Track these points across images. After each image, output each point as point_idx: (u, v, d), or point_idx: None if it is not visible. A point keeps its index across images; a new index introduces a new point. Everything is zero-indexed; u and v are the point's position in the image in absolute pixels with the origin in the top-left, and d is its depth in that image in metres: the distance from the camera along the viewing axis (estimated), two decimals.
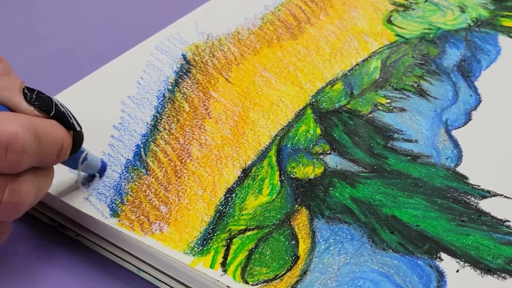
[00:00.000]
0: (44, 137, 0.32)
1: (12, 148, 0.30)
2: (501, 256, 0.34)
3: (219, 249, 0.34)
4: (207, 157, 0.40)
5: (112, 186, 0.38)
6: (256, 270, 0.33)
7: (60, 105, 0.34)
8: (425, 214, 0.36)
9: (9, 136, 0.30)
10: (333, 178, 0.38)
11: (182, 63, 0.48)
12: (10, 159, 0.30)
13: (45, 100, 0.34)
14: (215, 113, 0.43)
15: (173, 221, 0.36)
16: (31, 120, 0.32)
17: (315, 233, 0.35)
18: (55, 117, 0.34)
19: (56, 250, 0.38)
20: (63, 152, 0.34)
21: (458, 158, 0.39)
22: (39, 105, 0.34)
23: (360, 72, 0.46)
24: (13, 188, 0.31)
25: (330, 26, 0.51)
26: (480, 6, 0.53)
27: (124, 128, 0.42)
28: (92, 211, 0.37)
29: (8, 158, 0.30)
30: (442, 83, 0.45)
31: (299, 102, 0.44)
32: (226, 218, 0.36)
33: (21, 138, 0.30)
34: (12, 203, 0.31)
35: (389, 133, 0.41)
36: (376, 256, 0.34)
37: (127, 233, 0.35)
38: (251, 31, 0.51)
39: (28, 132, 0.31)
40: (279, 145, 0.41)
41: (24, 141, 0.30)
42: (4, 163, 0.30)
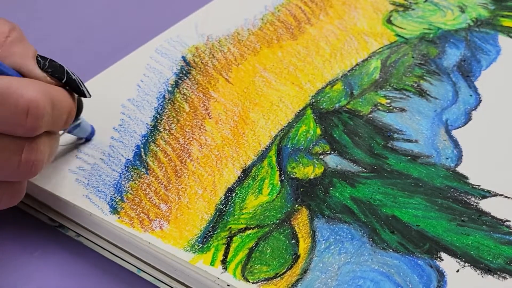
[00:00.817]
0: (57, 103, 0.34)
1: (32, 113, 0.32)
2: (501, 256, 0.34)
3: (219, 247, 0.34)
4: (207, 157, 0.40)
5: (112, 185, 0.38)
6: (257, 268, 0.33)
7: (71, 73, 0.36)
8: (425, 214, 0.36)
9: (29, 102, 0.32)
10: (333, 178, 0.38)
11: (182, 64, 0.48)
12: (30, 123, 0.32)
13: (57, 67, 0.35)
14: (215, 113, 0.43)
15: (173, 219, 0.36)
16: (47, 87, 0.33)
17: (315, 232, 0.35)
18: (67, 83, 0.36)
19: (56, 250, 0.39)
20: (70, 117, 0.36)
21: (458, 158, 0.39)
22: (52, 72, 0.35)
23: (360, 72, 0.46)
24: (31, 149, 0.33)
25: (330, 26, 0.51)
26: (480, 6, 0.53)
27: (124, 130, 0.42)
28: (92, 208, 0.37)
29: (28, 123, 0.32)
30: (442, 83, 0.45)
31: (299, 103, 0.44)
32: (226, 217, 0.36)
33: (40, 104, 0.32)
34: (30, 162, 0.33)
35: (389, 133, 0.41)
36: (376, 256, 0.34)
37: (127, 229, 0.35)
38: (251, 31, 0.51)
39: (46, 98, 0.32)
40: (279, 145, 0.41)
41: (43, 107, 0.32)
42: (23, 127, 0.32)
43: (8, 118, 0.32)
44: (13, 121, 0.32)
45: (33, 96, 0.32)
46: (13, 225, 0.40)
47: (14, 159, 0.33)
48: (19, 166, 0.33)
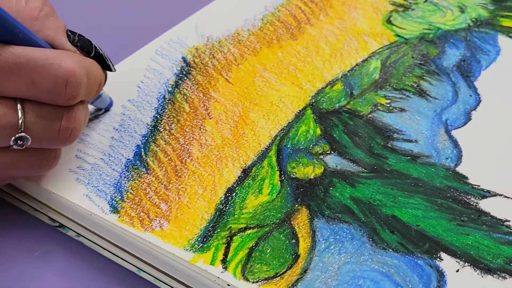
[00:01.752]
0: (91, 74, 0.36)
1: (71, 83, 0.34)
2: (501, 256, 0.34)
3: (219, 247, 0.34)
4: (207, 157, 0.40)
5: (112, 184, 0.38)
6: (257, 267, 0.33)
7: (98, 48, 0.38)
8: (425, 214, 0.36)
9: (68, 72, 0.33)
10: (333, 178, 0.38)
11: (182, 65, 0.48)
12: (69, 93, 0.34)
13: (86, 42, 0.37)
14: (215, 113, 0.43)
15: (173, 219, 0.36)
16: (81, 59, 0.35)
17: (315, 232, 0.35)
18: (94, 57, 0.38)
19: (56, 250, 0.38)
20: (100, 88, 0.38)
21: (458, 158, 0.39)
22: (81, 46, 0.37)
23: (360, 73, 0.46)
24: (69, 117, 0.35)
25: (330, 27, 0.51)
26: (479, 6, 0.53)
27: (124, 130, 0.42)
28: (92, 208, 0.37)
29: (67, 92, 0.34)
30: (441, 83, 0.45)
31: (299, 103, 0.44)
32: (226, 217, 0.36)
33: (78, 75, 0.34)
34: (69, 130, 0.35)
35: (389, 133, 0.41)
36: (376, 256, 0.34)
37: (127, 229, 0.35)
38: (251, 32, 0.51)
39: (82, 69, 0.34)
40: (279, 146, 0.41)
41: (80, 77, 0.34)
42: (63, 97, 0.34)
43: (48, 88, 0.33)
44: (53, 90, 0.33)
45: (71, 67, 0.34)
46: (13, 225, 0.40)
47: (54, 127, 0.34)
48: (59, 133, 0.35)
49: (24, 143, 0.34)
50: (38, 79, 0.33)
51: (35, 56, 0.33)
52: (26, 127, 0.34)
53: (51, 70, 0.33)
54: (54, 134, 0.35)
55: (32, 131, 0.34)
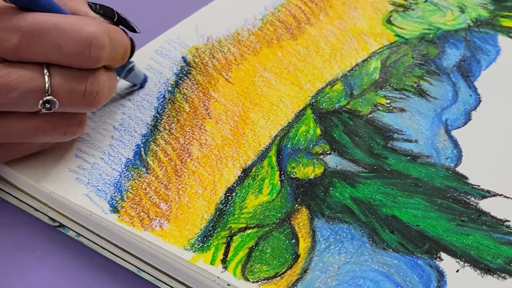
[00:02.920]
0: (114, 38, 0.37)
1: (94, 45, 0.35)
2: (501, 256, 0.34)
3: (219, 246, 0.34)
4: (207, 157, 0.40)
5: (112, 184, 0.38)
6: (257, 267, 0.33)
7: (120, 13, 0.40)
8: (425, 214, 0.36)
9: (91, 35, 0.35)
10: (333, 178, 0.38)
11: (182, 65, 0.48)
12: (92, 55, 0.35)
13: (107, 9, 0.39)
14: (215, 113, 0.43)
15: (173, 218, 0.36)
16: (104, 23, 0.37)
17: (315, 232, 0.35)
18: (118, 22, 0.39)
19: (56, 250, 0.38)
20: (126, 54, 0.39)
21: (458, 158, 0.39)
22: (104, 13, 0.39)
23: (360, 73, 0.46)
24: (93, 80, 0.36)
25: (330, 27, 0.51)
26: (479, 6, 0.53)
27: (124, 129, 0.42)
28: (92, 207, 0.37)
29: (91, 55, 0.35)
30: (441, 83, 0.45)
31: (299, 103, 0.44)
32: (226, 216, 0.36)
33: (101, 37, 0.35)
34: (94, 93, 0.36)
35: (389, 133, 0.41)
36: (376, 256, 0.34)
37: (127, 228, 0.35)
38: (251, 32, 0.51)
39: (105, 32, 0.36)
40: (279, 146, 0.41)
41: (103, 40, 0.36)
42: (87, 59, 0.35)
43: (73, 51, 0.35)
44: (77, 53, 0.35)
45: (94, 30, 0.35)
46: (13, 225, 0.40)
47: (79, 89, 0.36)
48: (84, 96, 0.36)
49: (52, 107, 0.35)
50: (63, 43, 0.35)
51: (59, 21, 0.35)
52: (53, 91, 0.35)
53: (75, 33, 0.35)
54: (80, 97, 0.36)
55: (58, 95, 0.35)
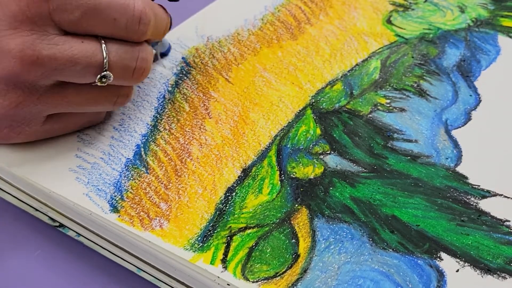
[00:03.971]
0: (158, 15, 0.41)
1: (143, 21, 0.39)
2: (501, 256, 0.34)
3: (219, 246, 0.34)
4: (207, 157, 0.40)
5: (112, 183, 0.38)
6: (257, 267, 0.33)
7: None
8: (425, 214, 0.36)
9: (140, 11, 0.38)
10: (333, 178, 0.38)
11: (182, 65, 0.48)
12: (141, 29, 0.39)
13: None
14: (215, 113, 0.43)
15: (173, 218, 0.36)
16: (149, 1, 0.40)
17: (315, 232, 0.35)
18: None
19: (56, 250, 0.39)
20: (166, 29, 0.43)
21: (458, 158, 0.39)
22: None
23: (360, 73, 0.46)
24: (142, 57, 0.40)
25: (330, 27, 0.51)
26: (479, 6, 0.53)
27: (124, 129, 0.42)
28: (92, 207, 0.37)
29: (140, 29, 0.39)
30: (441, 83, 0.45)
31: (299, 103, 0.44)
32: (226, 216, 0.36)
33: (148, 13, 0.39)
34: (142, 69, 0.40)
35: (389, 133, 0.41)
36: (376, 256, 0.34)
37: (127, 228, 0.35)
38: (251, 32, 0.51)
39: (150, 9, 0.39)
40: (279, 145, 0.41)
41: (150, 15, 0.39)
42: (136, 33, 0.39)
43: (126, 24, 0.38)
44: (129, 26, 0.38)
45: (142, 6, 0.38)
46: (13, 225, 0.40)
47: (131, 66, 0.39)
48: (134, 72, 0.39)
49: (107, 81, 0.38)
50: (118, 17, 0.37)
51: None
52: (109, 66, 0.38)
53: (128, 9, 0.38)
54: (130, 73, 0.39)
55: (113, 70, 0.38)
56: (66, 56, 0.36)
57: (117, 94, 0.40)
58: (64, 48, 0.36)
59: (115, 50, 0.38)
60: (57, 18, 0.36)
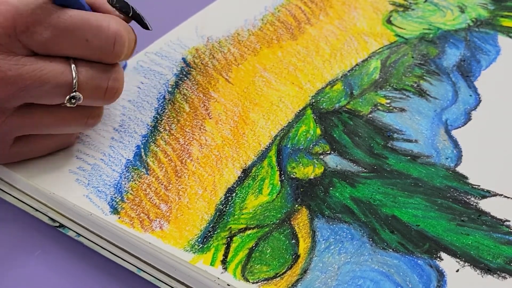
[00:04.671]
0: (130, 36, 0.39)
1: (118, 42, 0.38)
2: (501, 256, 0.34)
3: (219, 247, 0.34)
4: (207, 157, 0.40)
5: (112, 185, 0.38)
6: (257, 268, 0.33)
7: (135, 8, 0.41)
8: (425, 214, 0.36)
9: (116, 33, 0.37)
10: (333, 178, 0.38)
11: (182, 66, 0.48)
12: (116, 51, 0.38)
13: (124, 3, 0.40)
14: (215, 113, 0.43)
15: (174, 219, 0.36)
16: (123, 22, 0.39)
17: (315, 232, 0.35)
18: (133, 17, 0.41)
19: (56, 250, 0.39)
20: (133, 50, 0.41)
21: (458, 158, 0.39)
22: (120, 7, 0.40)
23: (360, 73, 0.46)
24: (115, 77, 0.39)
25: (329, 27, 0.51)
26: (479, 6, 0.53)
27: (124, 130, 0.42)
28: (92, 208, 0.37)
29: (115, 51, 0.38)
30: (441, 83, 0.45)
31: (299, 103, 0.44)
32: (227, 217, 0.36)
33: (123, 35, 0.38)
34: (114, 89, 0.39)
35: (389, 133, 0.41)
36: (376, 256, 0.34)
37: (127, 230, 0.35)
38: (251, 32, 0.51)
39: (125, 30, 0.38)
40: (279, 146, 0.41)
41: (125, 37, 0.38)
42: (111, 55, 0.38)
43: (100, 46, 0.37)
44: (103, 48, 0.37)
45: (118, 28, 0.38)
46: (13, 225, 0.40)
47: (102, 86, 0.38)
48: (106, 92, 0.38)
49: (77, 102, 0.37)
50: (91, 38, 0.37)
51: (89, 18, 0.37)
52: (79, 86, 0.37)
53: (102, 30, 0.37)
54: (102, 94, 0.38)
55: (83, 90, 0.37)
56: (33, 77, 0.35)
57: (87, 115, 0.39)
58: (31, 68, 0.35)
59: (86, 70, 0.37)
60: (25, 40, 0.35)
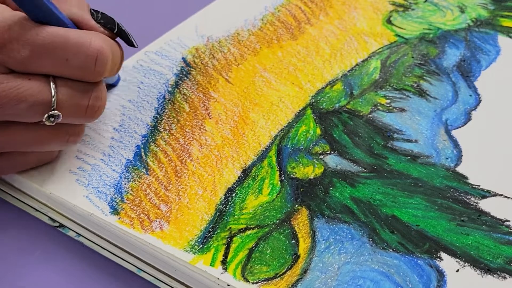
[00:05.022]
0: (114, 53, 0.38)
1: (100, 61, 0.36)
2: (501, 256, 0.34)
3: (219, 248, 0.34)
4: (207, 157, 0.40)
5: (112, 185, 0.38)
6: (257, 268, 0.33)
7: (120, 25, 0.40)
8: (425, 214, 0.36)
9: (97, 50, 0.36)
10: (333, 178, 0.38)
11: (182, 65, 0.48)
12: (97, 70, 0.36)
13: (109, 19, 0.40)
14: (215, 113, 0.43)
15: (174, 220, 0.36)
16: (107, 38, 0.38)
17: (315, 232, 0.35)
18: (118, 33, 0.40)
19: (56, 250, 0.39)
20: (119, 67, 0.40)
21: (458, 158, 0.39)
22: (105, 23, 0.39)
23: (360, 73, 0.46)
24: (96, 95, 0.37)
25: (330, 27, 0.51)
26: (479, 6, 0.53)
27: (124, 130, 0.42)
28: (92, 209, 0.37)
29: (96, 69, 0.36)
30: (441, 83, 0.45)
31: (299, 103, 0.44)
32: (226, 217, 0.36)
33: (106, 53, 0.36)
34: (96, 107, 0.38)
35: (389, 133, 0.41)
36: (376, 256, 0.34)
37: (127, 230, 0.35)
38: (251, 32, 0.51)
39: (109, 48, 0.37)
40: (279, 146, 0.41)
41: (107, 55, 0.37)
42: (92, 73, 0.36)
43: (80, 65, 0.36)
44: (84, 67, 0.36)
45: (100, 45, 0.36)
46: (13, 225, 0.40)
47: (83, 104, 0.37)
48: (87, 111, 0.37)
49: (55, 120, 0.36)
50: (71, 56, 0.35)
51: (69, 35, 0.36)
52: (58, 104, 0.36)
53: (83, 48, 0.36)
54: (82, 112, 0.37)
55: (63, 109, 0.36)
56: (9, 95, 0.34)
57: (68, 133, 0.38)
58: (8, 86, 0.34)
59: (66, 88, 0.36)
60: (1, 57, 0.34)
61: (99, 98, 0.38)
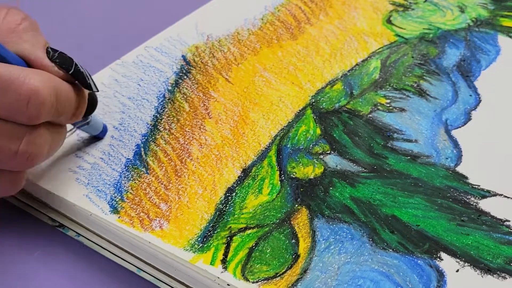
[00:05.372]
0: (63, 95, 0.34)
1: (33, 102, 0.32)
2: (501, 256, 0.34)
3: (219, 247, 0.34)
4: (207, 157, 0.40)
5: (112, 184, 0.38)
6: (257, 267, 0.33)
7: (79, 66, 0.36)
8: (425, 214, 0.36)
9: (30, 90, 0.32)
10: (333, 178, 0.38)
11: (182, 64, 0.48)
12: (30, 112, 0.32)
13: (66, 59, 0.36)
14: (215, 113, 0.43)
15: (173, 219, 0.36)
16: (52, 78, 0.34)
17: (315, 232, 0.35)
18: (74, 75, 0.36)
19: (56, 250, 0.38)
20: (79, 112, 0.37)
21: (457, 158, 0.39)
22: (60, 63, 0.35)
23: (360, 72, 0.46)
24: (28, 140, 0.33)
25: (329, 26, 0.51)
26: (479, 6, 0.53)
27: (124, 129, 0.42)
28: (92, 208, 0.37)
29: (28, 111, 0.32)
30: (441, 83, 0.45)
31: (299, 102, 0.44)
32: (226, 217, 0.36)
33: (42, 93, 0.32)
34: (27, 154, 0.33)
35: (389, 133, 0.41)
36: (376, 256, 0.34)
37: (127, 229, 0.35)
38: (251, 31, 0.51)
39: (48, 88, 0.33)
40: (279, 145, 0.41)
41: (44, 96, 0.33)
42: (24, 115, 0.32)
43: (10, 105, 0.32)
44: (14, 108, 0.32)
45: (35, 85, 0.32)
46: (13, 225, 0.40)
47: (12, 147, 0.33)
48: (16, 155, 0.33)
49: None
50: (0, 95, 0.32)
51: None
52: None
53: (13, 86, 0.32)
54: (10, 156, 0.33)
55: None
56: None
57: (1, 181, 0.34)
58: None
59: None
60: None
61: (32, 143, 0.33)
